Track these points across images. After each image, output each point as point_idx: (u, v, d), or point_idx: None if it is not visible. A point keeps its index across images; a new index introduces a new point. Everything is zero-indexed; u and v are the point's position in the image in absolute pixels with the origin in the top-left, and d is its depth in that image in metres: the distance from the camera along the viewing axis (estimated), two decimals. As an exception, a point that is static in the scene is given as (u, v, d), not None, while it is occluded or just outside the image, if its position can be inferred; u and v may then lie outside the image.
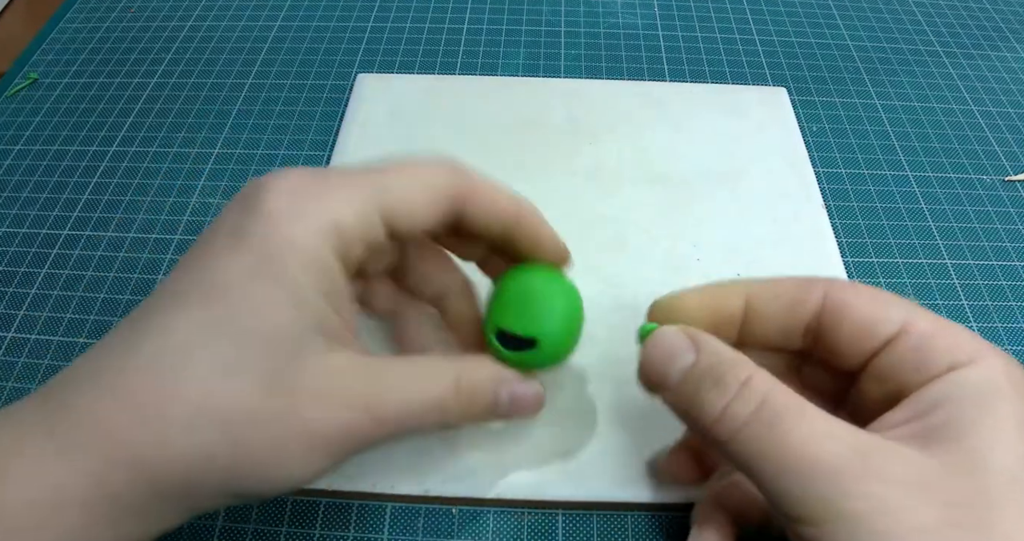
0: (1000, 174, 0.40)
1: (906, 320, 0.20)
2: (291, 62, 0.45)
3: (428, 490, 0.26)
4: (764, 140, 0.39)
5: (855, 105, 0.43)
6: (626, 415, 0.28)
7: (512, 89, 0.42)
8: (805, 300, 0.21)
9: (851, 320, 0.20)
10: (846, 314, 0.20)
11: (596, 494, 0.26)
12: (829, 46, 0.48)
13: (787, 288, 0.22)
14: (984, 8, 0.52)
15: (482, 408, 0.21)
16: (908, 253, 0.36)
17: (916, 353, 0.19)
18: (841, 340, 0.20)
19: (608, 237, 0.34)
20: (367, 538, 0.26)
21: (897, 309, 0.20)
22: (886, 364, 0.20)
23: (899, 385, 0.19)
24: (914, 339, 0.19)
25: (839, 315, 0.20)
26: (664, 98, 0.41)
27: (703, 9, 0.50)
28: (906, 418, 0.18)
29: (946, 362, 0.18)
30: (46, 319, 0.32)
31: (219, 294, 0.17)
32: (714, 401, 0.19)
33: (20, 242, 0.36)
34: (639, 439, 0.27)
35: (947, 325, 0.19)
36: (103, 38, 0.47)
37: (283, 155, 0.39)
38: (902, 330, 0.19)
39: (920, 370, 0.19)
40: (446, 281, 0.25)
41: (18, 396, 0.30)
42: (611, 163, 0.37)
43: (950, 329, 0.19)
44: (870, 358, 0.20)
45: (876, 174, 0.39)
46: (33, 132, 0.41)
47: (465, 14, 0.49)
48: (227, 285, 0.18)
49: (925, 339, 0.19)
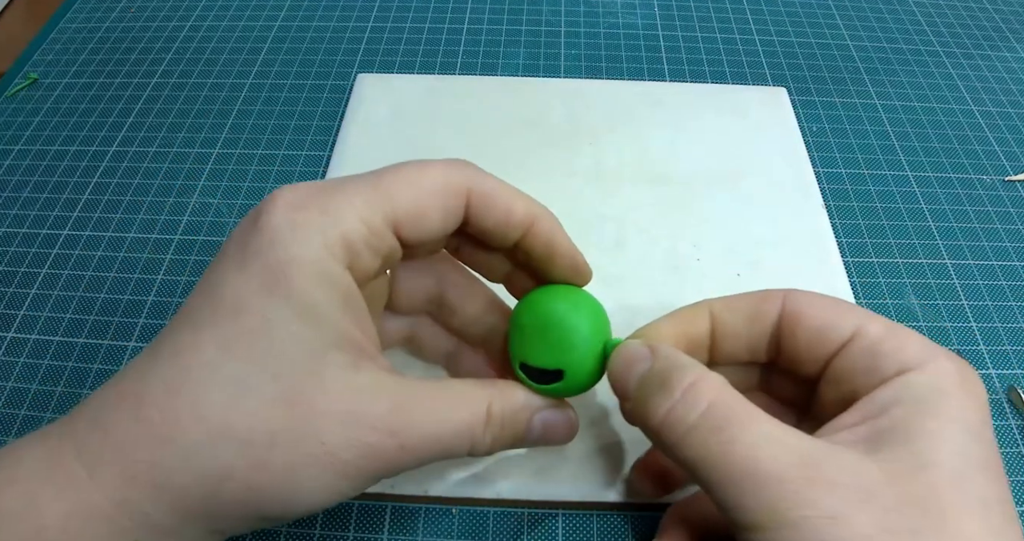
0: (1000, 174, 0.40)
1: (859, 325, 0.20)
2: (291, 62, 0.45)
3: (428, 490, 0.26)
4: (764, 140, 0.39)
5: (855, 105, 0.43)
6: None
7: (512, 89, 0.42)
8: (764, 312, 0.21)
9: (807, 327, 0.20)
10: (802, 321, 0.21)
11: (596, 494, 0.26)
12: (829, 46, 0.48)
13: (746, 302, 0.22)
14: (984, 8, 0.52)
15: (513, 436, 0.21)
16: (908, 253, 0.36)
17: (867, 357, 0.19)
18: (799, 346, 0.21)
19: (608, 237, 0.34)
20: (367, 538, 0.26)
21: (851, 315, 0.20)
22: (840, 368, 0.20)
23: (852, 389, 0.19)
24: (865, 343, 0.19)
25: (796, 323, 0.21)
26: (664, 98, 0.41)
27: (703, 9, 0.50)
28: (855, 421, 0.18)
29: (896, 366, 0.19)
30: (46, 319, 0.32)
31: (230, 314, 0.17)
32: (659, 404, 0.19)
33: (20, 242, 0.36)
34: (639, 440, 0.27)
35: (899, 330, 0.20)
36: (103, 38, 0.47)
37: (283, 155, 0.39)
38: (855, 335, 0.20)
39: (871, 373, 0.19)
40: (491, 322, 0.24)
41: (18, 396, 0.30)
42: (611, 163, 0.37)
43: (901, 334, 0.20)
44: (827, 363, 0.20)
45: (876, 174, 0.39)
46: (33, 132, 0.41)
47: (465, 14, 0.49)
48: (237, 304, 0.17)
49: (876, 343, 0.19)
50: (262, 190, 0.38)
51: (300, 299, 0.17)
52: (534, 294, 0.23)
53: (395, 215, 0.19)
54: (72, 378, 0.30)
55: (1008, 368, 0.31)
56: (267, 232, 0.18)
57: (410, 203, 0.19)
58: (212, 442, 0.16)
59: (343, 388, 0.18)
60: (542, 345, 0.21)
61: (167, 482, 0.16)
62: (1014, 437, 0.29)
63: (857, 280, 0.34)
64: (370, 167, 0.20)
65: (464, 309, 0.24)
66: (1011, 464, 0.29)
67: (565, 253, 0.22)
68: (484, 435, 0.20)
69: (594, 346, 0.21)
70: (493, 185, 0.21)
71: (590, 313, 0.22)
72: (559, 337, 0.21)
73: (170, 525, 0.17)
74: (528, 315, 0.22)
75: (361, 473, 0.18)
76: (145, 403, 0.17)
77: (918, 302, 0.34)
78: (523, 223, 0.21)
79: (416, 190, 0.19)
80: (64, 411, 0.29)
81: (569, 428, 0.22)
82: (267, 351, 0.17)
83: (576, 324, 0.21)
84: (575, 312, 0.22)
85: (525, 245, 0.21)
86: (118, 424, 0.17)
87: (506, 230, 0.21)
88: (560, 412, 0.22)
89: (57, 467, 0.16)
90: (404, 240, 0.20)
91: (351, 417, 0.17)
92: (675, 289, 0.32)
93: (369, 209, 0.19)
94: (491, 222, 0.21)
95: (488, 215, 0.21)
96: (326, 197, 0.19)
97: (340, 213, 0.18)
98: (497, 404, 0.20)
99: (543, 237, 0.21)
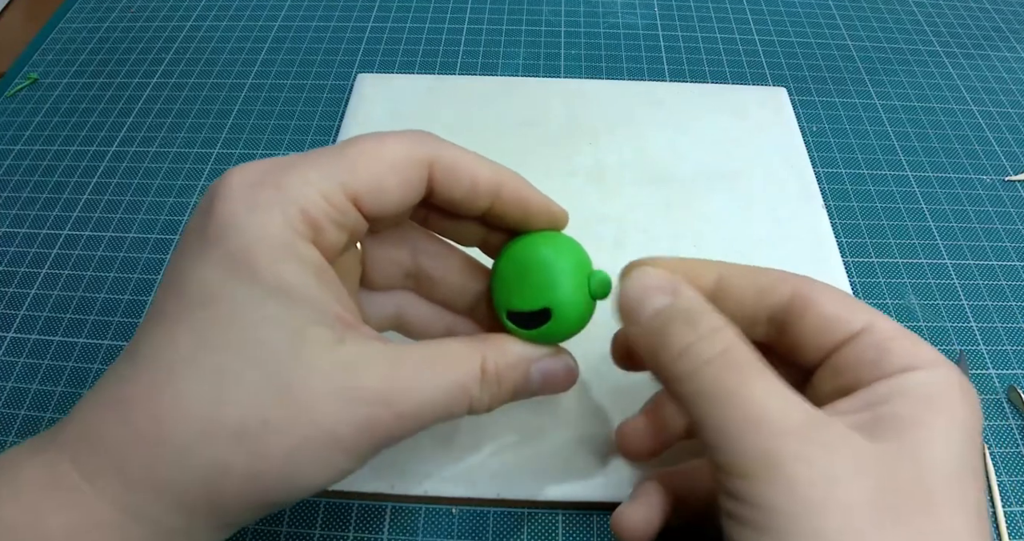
0: (1000, 174, 0.40)
1: (870, 321, 0.20)
2: (291, 62, 0.45)
3: (428, 490, 0.26)
4: (764, 140, 0.39)
5: (855, 105, 0.43)
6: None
7: (512, 89, 0.42)
8: (775, 289, 0.21)
9: (817, 314, 0.20)
10: (813, 308, 0.20)
11: (596, 494, 0.26)
12: (829, 46, 0.48)
13: (760, 275, 0.22)
14: (984, 8, 0.52)
15: (511, 389, 0.20)
16: (908, 253, 0.36)
17: (876, 351, 0.19)
18: (806, 332, 0.20)
19: (608, 237, 0.34)
20: (367, 538, 0.26)
21: (863, 310, 0.20)
22: (845, 359, 0.20)
23: (854, 380, 0.19)
24: (877, 337, 0.19)
25: (806, 308, 0.20)
26: (664, 98, 0.41)
27: (703, 9, 0.50)
28: (856, 407, 0.18)
29: (903, 363, 0.19)
30: (46, 319, 0.32)
31: (199, 305, 0.17)
32: (682, 336, 0.19)
33: (20, 242, 0.36)
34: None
35: (910, 333, 0.20)
36: (103, 38, 0.47)
37: (283, 155, 0.39)
38: (865, 328, 0.20)
39: (878, 366, 0.19)
40: (475, 288, 0.24)
41: (18, 396, 0.30)
42: (611, 163, 0.37)
43: (912, 336, 0.20)
44: (830, 352, 0.20)
45: (876, 174, 0.39)
46: (33, 132, 0.41)
47: (465, 14, 0.49)
48: (204, 295, 0.17)
49: (887, 339, 0.19)
50: (262, 190, 0.38)
51: (268, 280, 0.17)
52: (510, 244, 0.22)
53: (354, 187, 0.18)
54: (72, 378, 0.30)
55: (1008, 368, 0.31)
56: (224, 215, 0.17)
57: (369, 175, 0.19)
58: (204, 438, 0.16)
59: (330, 365, 0.17)
60: (525, 288, 0.21)
61: (165, 484, 0.16)
62: (1014, 437, 0.29)
63: (857, 280, 0.34)
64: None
65: (444, 278, 0.23)
66: (1011, 464, 0.29)
67: (539, 210, 0.22)
68: (481, 393, 0.19)
69: (578, 280, 0.21)
70: (455, 154, 0.20)
71: (568, 249, 0.22)
72: (540, 276, 0.21)
73: (178, 525, 0.16)
74: (506, 263, 0.22)
75: (360, 446, 0.17)
76: (131, 407, 0.16)
77: (918, 302, 0.34)
78: (490, 191, 0.20)
79: (375, 162, 0.19)
80: (64, 411, 0.29)
81: (568, 375, 0.22)
82: (243, 338, 0.17)
83: (554, 260, 0.21)
84: (552, 249, 0.21)
85: (497, 210, 0.21)
86: (108, 431, 0.16)
87: (474, 199, 0.20)
88: (557, 359, 0.21)
89: (56, 478, 0.16)
90: (366, 213, 0.19)
91: (342, 393, 0.17)
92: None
93: (327, 182, 0.18)
94: (458, 193, 0.20)
95: (454, 186, 0.20)
96: (280, 173, 0.18)
97: (297, 188, 0.18)
98: (491, 359, 0.20)
99: (513, 200, 0.21)
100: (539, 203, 0.22)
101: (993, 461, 0.28)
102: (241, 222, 0.17)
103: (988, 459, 0.28)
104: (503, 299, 0.22)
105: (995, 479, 0.27)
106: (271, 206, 0.17)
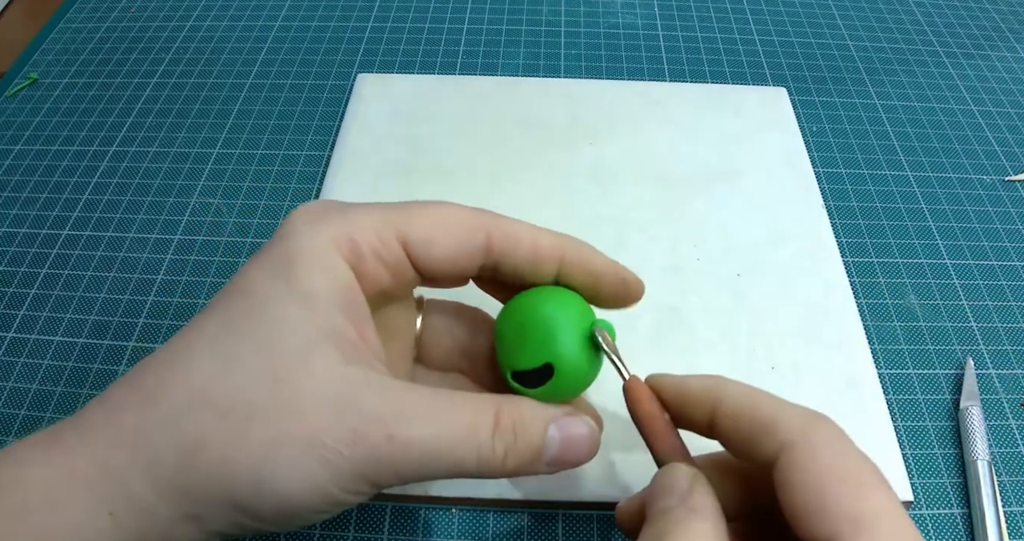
0: (1000, 174, 0.40)
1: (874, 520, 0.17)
2: (291, 62, 0.45)
3: (428, 490, 0.26)
4: (764, 140, 0.39)
5: (855, 105, 0.43)
6: (626, 416, 0.27)
7: (512, 89, 0.42)
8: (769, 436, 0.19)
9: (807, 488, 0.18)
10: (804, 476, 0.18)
11: (596, 494, 0.26)
12: (829, 46, 0.48)
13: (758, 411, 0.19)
14: (984, 8, 0.52)
15: (528, 448, 0.19)
16: (908, 253, 0.36)
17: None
18: (796, 505, 0.17)
19: (608, 237, 0.34)
20: (367, 538, 0.26)
21: (872, 495, 0.17)
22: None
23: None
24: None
25: (792, 472, 0.18)
26: (664, 98, 0.41)
27: (703, 9, 0.50)
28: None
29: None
30: (46, 319, 0.32)
31: (238, 296, 0.19)
32: (666, 504, 0.19)
33: (20, 242, 0.36)
34: (639, 440, 0.27)
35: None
36: (103, 38, 0.47)
37: (283, 155, 0.39)
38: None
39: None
40: None
41: (18, 396, 0.30)
42: (611, 163, 0.37)
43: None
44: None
45: (876, 174, 0.39)
46: (33, 132, 0.41)
47: (465, 14, 0.49)
48: (245, 288, 0.19)
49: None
50: (262, 190, 0.38)
51: (300, 285, 0.18)
52: (508, 303, 0.22)
53: (405, 232, 0.20)
54: (72, 378, 0.30)
55: (1008, 368, 0.31)
56: (287, 226, 0.20)
57: (422, 225, 0.20)
58: (191, 407, 0.17)
59: (331, 376, 0.18)
60: (525, 346, 0.20)
61: (144, 445, 0.17)
62: (1014, 437, 0.29)
63: (857, 280, 0.34)
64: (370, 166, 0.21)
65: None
66: (1011, 464, 0.29)
67: (607, 271, 0.22)
68: (493, 444, 0.18)
69: (578, 332, 0.21)
70: (513, 223, 0.21)
71: (565, 302, 0.21)
72: (539, 332, 0.20)
73: (145, 497, 0.16)
74: (505, 322, 0.21)
75: (342, 466, 0.17)
76: (145, 373, 0.18)
77: (918, 302, 0.34)
78: (554, 255, 0.21)
79: (431, 215, 0.21)
80: (64, 411, 0.29)
81: (590, 436, 0.20)
82: (260, 328, 0.18)
83: (551, 314, 0.21)
84: (548, 303, 0.21)
85: (564, 277, 0.21)
86: (116, 390, 0.18)
87: (537, 265, 0.21)
88: (576, 418, 0.20)
89: (53, 439, 0.17)
90: (415, 260, 0.20)
91: (336, 403, 0.17)
92: (675, 289, 0.32)
93: (382, 221, 0.20)
94: (520, 258, 0.21)
95: (516, 253, 0.21)
96: (349, 206, 0.20)
97: (354, 218, 0.20)
98: (507, 412, 0.19)
99: (579, 264, 0.21)
100: (605, 263, 0.22)
101: (993, 461, 0.28)
102: (297, 232, 0.19)
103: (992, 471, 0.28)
104: (506, 359, 0.21)
105: (995, 479, 0.27)
106: (327, 225, 0.19)
